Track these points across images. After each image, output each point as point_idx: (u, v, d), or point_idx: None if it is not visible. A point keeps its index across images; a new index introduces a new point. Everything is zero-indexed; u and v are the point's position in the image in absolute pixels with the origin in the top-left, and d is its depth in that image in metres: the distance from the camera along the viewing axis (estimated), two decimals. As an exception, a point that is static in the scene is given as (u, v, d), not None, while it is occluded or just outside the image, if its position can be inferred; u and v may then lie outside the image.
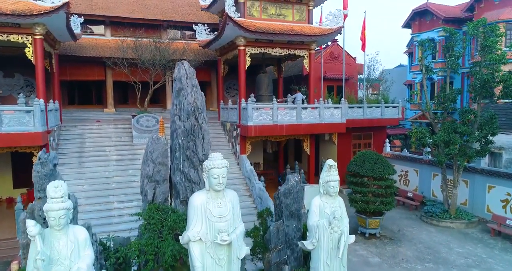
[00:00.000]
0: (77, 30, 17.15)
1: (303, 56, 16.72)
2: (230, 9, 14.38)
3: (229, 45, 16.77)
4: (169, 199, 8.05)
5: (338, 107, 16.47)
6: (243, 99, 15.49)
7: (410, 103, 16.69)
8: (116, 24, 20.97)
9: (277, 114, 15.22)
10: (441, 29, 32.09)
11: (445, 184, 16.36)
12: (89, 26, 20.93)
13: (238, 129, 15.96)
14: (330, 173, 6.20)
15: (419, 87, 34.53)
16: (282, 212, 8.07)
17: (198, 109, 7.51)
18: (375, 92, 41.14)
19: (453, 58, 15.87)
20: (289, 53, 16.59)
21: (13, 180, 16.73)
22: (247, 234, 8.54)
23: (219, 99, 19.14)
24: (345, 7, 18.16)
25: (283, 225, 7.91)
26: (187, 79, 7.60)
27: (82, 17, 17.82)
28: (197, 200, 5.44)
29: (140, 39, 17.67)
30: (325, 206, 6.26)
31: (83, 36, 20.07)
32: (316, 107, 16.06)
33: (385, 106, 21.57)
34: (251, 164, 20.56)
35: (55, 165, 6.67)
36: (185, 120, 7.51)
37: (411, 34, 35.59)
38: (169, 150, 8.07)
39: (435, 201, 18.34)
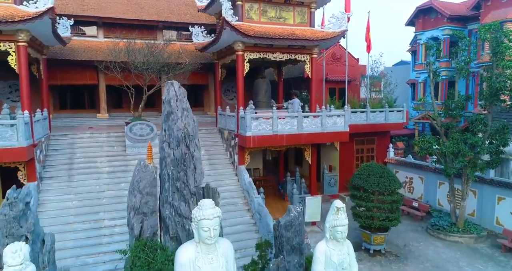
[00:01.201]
0: (66, 33, 16.32)
1: (304, 61, 15.89)
2: (227, 13, 13.54)
3: (227, 50, 15.94)
4: (158, 232, 7.31)
5: (341, 115, 15.67)
6: (241, 108, 14.70)
7: (418, 111, 15.86)
8: (109, 25, 20.06)
9: (277, 123, 14.45)
10: (445, 27, 31.25)
11: (453, 195, 15.65)
12: (81, 28, 20.06)
13: (236, 138, 15.19)
14: (338, 216, 5.45)
15: (423, 89, 33.74)
16: (282, 246, 7.34)
17: (189, 136, 6.74)
18: (376, 89, 40.27)
19: (462, 64, 15.05)
20: (289, 58, 15.76)
21: (2, 190, 16.00)
22: (245, 269, 7.84)
23: (216, 105, 18.33)
24: (347, 10, 17.28)
25: (284, 261, 7.18)
26: (177, 101, 6.82)
27: (72, 19, 16.95)
28: (185, 255, 4.70)
29: (134, 40, 16.82)
30: (332, 253, 5.52)
31: (74, 38, 19.20)
32: (318, 116, 15.27)
33: (389, 111, 20.81)
34: (250, 170, 19.87)
35: (27, 203, 5.92)
36: (174, 148, 6.75)
37: (415, 32, 34.65)
38: (158, 178, 7.31)
39: (441, 210, 17.67)
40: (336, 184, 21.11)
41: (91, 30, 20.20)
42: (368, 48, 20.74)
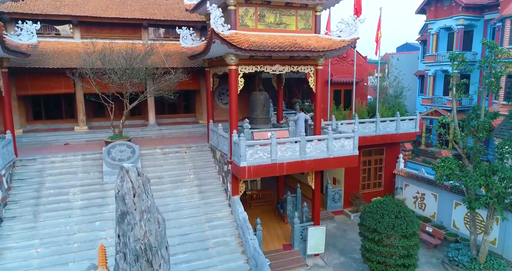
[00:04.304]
0: (32, 39, 14.02)
1: (308, 73, 13.75)
2: (217, 22, 11.29)
3: (219, 60, 13.75)
4: None
5: (349, 137, 13.65)
6: (234, 132, 12.67)
7: (437, 131, 13.88)
8: (86, 24, 17.64)
9: (276, 150, 12.45)
10: (460, 16, 28.77)
11: (474, 225, 13.89)
12: (55, 27, 17.67)
13: (230, 165, 13.24)
14: None
15: (433, 82, 31.55)
16: None
17: (152, 248, 4.79)
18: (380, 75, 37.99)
19: (492, 80, 12.93)
20: (291, 71, 13.60)
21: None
22: None
23: (208, 117, 16.20)
24: (357, 11, 14.94)
25: None
26: (134, 198, 4.83)
27: (39, 22, 14.60)
28: None
29: (111, 41, 14.63)
30: None
31: (47, 39, 17.09)
32: (323, 139, 13.26)
33: (401, 120, 18.76)
34: (247, 182, 18.01)
35: None
36: (132, 263, 4.82)
37: (426, 21, 32.10)
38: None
39: (456, 235, 15.99)
40: (340, 199, 19.34)
41: (65, 30, 17.81)
42: (378, 49, 18.47)
